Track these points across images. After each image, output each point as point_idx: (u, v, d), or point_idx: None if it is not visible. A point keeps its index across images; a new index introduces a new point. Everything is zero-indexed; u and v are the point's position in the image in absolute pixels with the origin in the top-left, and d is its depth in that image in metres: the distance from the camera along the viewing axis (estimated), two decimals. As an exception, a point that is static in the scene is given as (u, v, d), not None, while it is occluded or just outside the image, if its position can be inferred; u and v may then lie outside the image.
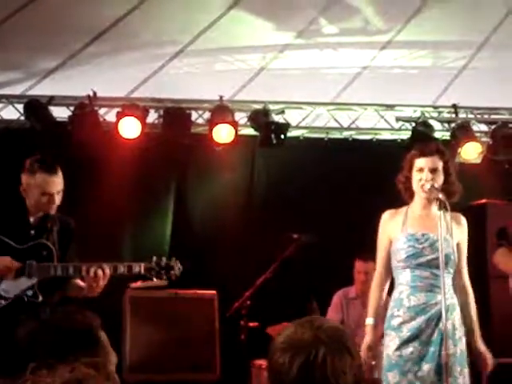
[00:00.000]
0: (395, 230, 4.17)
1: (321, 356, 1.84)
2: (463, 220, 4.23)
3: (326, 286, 6.33)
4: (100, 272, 4.03)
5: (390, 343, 4.03)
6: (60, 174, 4.13)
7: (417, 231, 4.11)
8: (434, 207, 4.12)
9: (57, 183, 4.10)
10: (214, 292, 6.22)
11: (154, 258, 4.22)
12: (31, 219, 4.15)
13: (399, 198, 4.33)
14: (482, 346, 4.16)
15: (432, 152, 4.14)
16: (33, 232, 4.13)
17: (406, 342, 3.99)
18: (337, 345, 1.87)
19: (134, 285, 6.03)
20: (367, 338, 4.10)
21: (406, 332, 4.00)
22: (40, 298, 4.08)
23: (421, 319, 3.99)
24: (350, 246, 6.37)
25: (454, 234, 4.08)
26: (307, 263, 6.51)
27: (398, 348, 3.99)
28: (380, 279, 4.22)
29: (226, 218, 6.86)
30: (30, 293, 4.07)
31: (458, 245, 4.15)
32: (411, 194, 4.22)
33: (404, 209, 4.24)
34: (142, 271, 4.18)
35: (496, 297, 6.36)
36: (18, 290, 4.05)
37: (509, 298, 6.06)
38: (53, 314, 1.83)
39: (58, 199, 4.12)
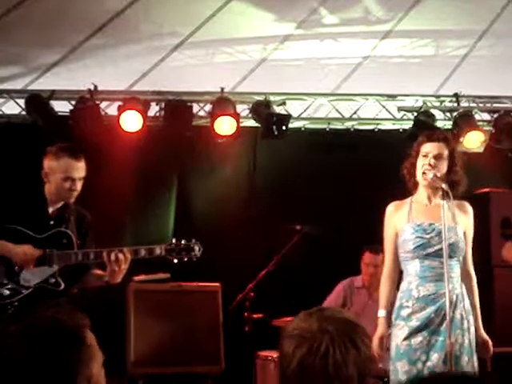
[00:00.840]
0: (401, 222, 4.15)
1: (323, 347, 1.84)
2: (469, 208, 4.22)
3: (329, 277, 6.33)
4: (121, 256, 4.03)
5: (399, 332, 4.03)
6: (84, 161, 4.15)
7: (423, 221, 4.10)
8: (438, 197, 4.10)
9: (80, 169, 4.13)
10: (217, 284, 6.23)
11: (174, 240, 4.23)
12: (50, 210, 4.16)
13: (402, 187, 4.31)
14: (484, 335, 4.16)
15: (439, 139, 4.13)
16: (52, 222, 4.14)
17: (415, 332, 3.98)
18: (343, 337, 1.87)
19: (137, 278, 6.03)
20: (380, 330, 4.10)
21: (415, 322, 4.00)
22: (62, 286, 4.08)
23: (430, 309, 3.99)
24: (353, 236, 6.37)
25: (460, 221, 4.07)
26: (310, 254, 6.51)
27: (407, 337, 3.99)
28: (390, 271, 4.22)
29: (229, 210, 6.86)
30: (51, 281, 4.07)
31: (464, 233, 4.14)
32: (415, 183, 4.20)
33: (408, 199, 4.23)
34: (163, 253, 4.17)
35: (499, 286, 6.36)
36: (39, 278, 4.05)
37: (511, 286, 6.07)
38: (37, 317, 1.82)
39: (79, 186, 4.13)
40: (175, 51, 6.51)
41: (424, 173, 4.08)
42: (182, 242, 4.24)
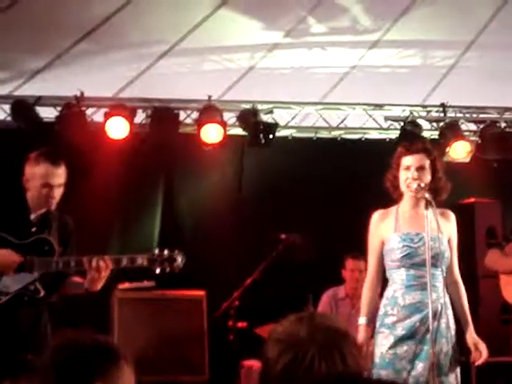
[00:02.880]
0: (387, 231, 4.15)
1: (309, 357, 1.77)
2: (452, 216, 4.23)
3: (315, 285, 6.32)
4: (102, 263, 3.98)
5: (384, 341, 4.02)
6: (63, 167, 4.11)
7: (410, 231, 4.10)
8: (423, 206, 4.11)
9: (59, 175, 4.08)
10: (202, 292, 6.21)
11: (156, 250, 4.17)
12: (32, 216, 4.12)
13: (388, 196, 4.31)
14: (476, 337, 4.14)
15: (418, 150, 4.13)
16: (34, 229, 4.10)
17: (400, 341, 3.97)
18: (330, 348, 1.79)
19: (121, 286, 6.00)
20: (360, 337, 4.09)
21: (400, 331, 3.99)
22: (42, 294, 4.04)
23: (416, 318, 3.98)
24: (339, 245, 6.37)
25: (444, 230, 4.07)
26: (295, 263, 6.49)
27: (393, 346, 3.98)
28: (372, 280, 4.20)
29: (215, 218, 6.84)
30: (31, 288, 4.02)
31: (448, 241, 4.15)
32: (400, 193, 4.21)
33: (394, 208, 4.23)
34: (145, 263, 4.12)
35: (485, 295, 6.37)
36: (18, 285, 4.01)
37: (497, 297, 6.08)
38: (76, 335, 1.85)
39: (57, 193, 4.09)
40: (162, 58, 6.49)
41: (408, 185, 4.09)
42: (165, 252, 4.17)
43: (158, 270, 4.14)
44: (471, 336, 4.13)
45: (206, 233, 6.77)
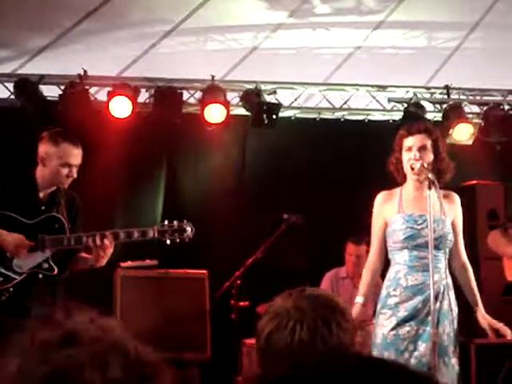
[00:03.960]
0: (391, 212, 4.16)
1: (291, 324, 1.82)
2: (456, 198, 4.23)
3: (316, 266, 6.35)
4: (106, 241, 4.02)
5: (386, 322, 4.03)
6: (80, 148, 4.15)
7: (413, 212, 4.10)
8: (425, 188, 4.11)
9: (78, 156, 4.12)
10: (204, 272, 6.23)
11: (166, 221, 4.23)
12: (41, 194, 4.15)
13: (391, 178, 4.32)
14: (488, 317, 4.14)
15: (419, 130, 4.13)
16: (43, 207, 4.13)
17: (402, 322, 3.99)
18: (315, 316, 1.83)
19: (124, 264, 6.03)
20: (354, 315, 4.09)
21: (403, 312, 4.00)
22: (55, 271, 4.07)
23: (418, 299, 4.00)
24: (341, 226, 6.39)
25: (448, 213, 4.08)
26: (297, 243, 6.52)
27: (395, 327, 3.99)
28: (374, 260, 4.22)
29: (217, 198, 6.86)
30: (45, 266, 4.06)
31: (452, 223, 4.15)
32: (404, 176, 4.21)
33: (398, 190, 4.23)
34: (156, 234, 4.17)
35: (486, 277, 6.39)
36: (32, 264, 4.04)
37: (499, 279, 6.10)
38: None
39: (75, 173, 4.13)
40: (166, 38, 6.48)
41: (411, 167, 4.08)
42: (175, 223, 4.23)
43: (168, 241, 4.20)
44: (484, 317, 4.12)
45: (209, 212, 6.78)
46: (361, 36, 6.80)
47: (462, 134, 6.72)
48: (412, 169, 4.08)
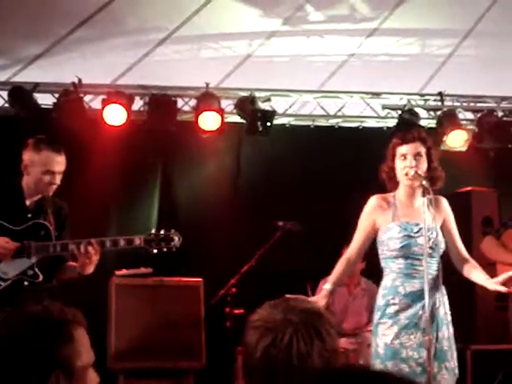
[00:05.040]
0: (384, 219, 4.13)
1: (287, 338, 1.81)
2: (443, 201, 4.21)
3: (312, 273, 6.34)
4: (96, 246, 4.02)
5: (387, 331, 3.98)
6: (64, 155, 4.13)
7: (409, 220, 4.10)
8: (419, 195, 4.12)
9: (61, 163, 4.11)
10: (199, 279, 6.22)
11: (153, 230, 4.21)
12: (27, 202, 4.14)
13: (385, 185, 4.32)
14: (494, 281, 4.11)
15: (414, 138, 4.13)
16: (30, 215, 4.12)
17: (404, 329, 3.96)
18: (307, 328, 1.83)
19: (119, 272, 6.02)
20: (320, 302, 4.02)
21: (404, 320, 3.98)
22: (40, 278, 4.06)
23: (418, 306, 3.99)
24: (336, 232, 6.37)
25: (438, 218, 4.09)
26: (292, 250, 6.52)
27: (397, 336, 3.97)
28: (351, 256, 4.18)
29: (212, 206, 6.85)
30: (30, 273, 4.04)
31: (442, 226, 4.15)
32: (395, 184, 4.20)
33: (391, 197, 4.22)
34: (142, 244, 4.16)
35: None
36: (17, 270, 4.02)
37: (493, 285, 6.10)
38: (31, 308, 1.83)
39: (58, 180, 4.11)
40: (160, 46, 6.49)
41: (406, 173, 4.08)
42: (161, 232, 4.22)
43: (155, 251, 4.17)
44: (492, 284, 4.08)
45: (204, 220, 6.78)
46: (355, 43, 6.82)
47: (456, 140, 6.74)
48: (406, 176, 4.08)
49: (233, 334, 5.74)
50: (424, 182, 4.00)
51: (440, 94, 6.87)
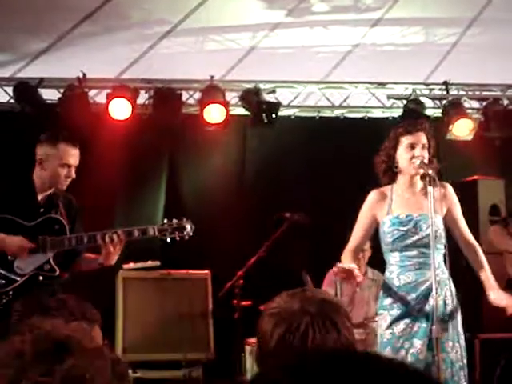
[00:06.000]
0: (382, 213, 4.16)
1: (303, 328, 1.82)
2: (448, 188, 4.19)
3: (319, 264, 6.34)
4: (115, 237, 4.05)
5: (382, 322, 4.04)
6: (78, 148, 4.15)
7: (400, 213, 4.11)
8: (418, 185, 4.13)
9: (76, 156, 4.14)
10: (207, 272, 6.24)
11: (166, 220, 4.26)
12: (39, 197, 4.16)
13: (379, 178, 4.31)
14: (499, 295, 4.07)
15: (420, 128, 4.14)
16: (42, 210, 4.14)
17: (396, 320, 3.99)
18: (323, 318, 1.85)
19: (126, 266, 6.03)
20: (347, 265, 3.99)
21: (396, 310, 4.01)
22: (57, 272, 4.08)
23: (411, 297, 4.01)
24: (342, 224, 6.37)
25: (439, 207, 4.07)
26: (299, 242, 6.52)
27: (390, 326, 4.00)
28: (351, 250, 4.21)
29: (218, 198, 6.86)
30: (46, 267, 4.07)
31: (446, 215, 4.13)
32: (391, 176, 4.18)
33: (388, 190, 4.21)
34: (157, 233, 4.20)
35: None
36: (33, 266, 4.04)
37: (500, 274, 6.10)
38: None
39: (74, 173, 4.14)
40: (164, 39, 6.48)
41: (413, 163, 4.08)
42: (174, 221, 4.27)
43: (168, 239, 4.23)
44: (494, 301, 4.07)
45: (210, 212, 6.78)
46: (359, 33, 6.80)
47: (462, 129, 6.72)
48: (413, 165, 4.07)
49: (241, 325, 5.76)
50: (430, 172, 4.00)
51: (445, 83, 6.85)
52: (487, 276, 4.14)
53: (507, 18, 6.57)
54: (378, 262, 5.98)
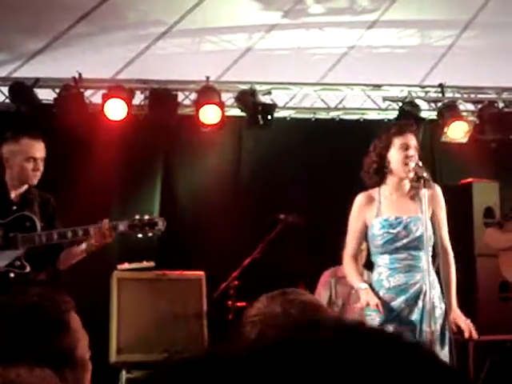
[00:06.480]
0: (371, 216, 4.15)
1: None
2: (436, 189, 4.18)
3: (314, 265, 6.35)
4: (81, 232, 4.08)
5: (371, 323, 4.01)
6: (42, 141, 4.18)
7: (390, 215, 4.10)
8: (406, 187, 4.13)
9: (41, 149, 4.17)
10: (201, 273, 6.23)
11: (137, 216, 4.27)
12: (12, 195, 4.17)
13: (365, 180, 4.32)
14: (455, 310, 4.06)
15: (413, 130, 4.15)
16: (15, 207, 4.15)
17: (386, 322, 3.98)
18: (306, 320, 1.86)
19: (121, 266, 6.03)
20: (366, 298, 3.96)
21: (386, 312, 4.00)
22: (28, 269, 4.09)
23: (401, 299, 4.00)
24: (337, 225, 6.38)
25: (427, 209, 4.08)
26: (294, 243, 6.52)
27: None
28: (351, 259, 4.20)
29: (214, 199, 6.86)
30: (17, 264, 4.08)
31: (432, 215, 4.13)
32: (380, 178, 4.18)
33: (376, 192, 4.20)
34: (127, 229, 4.22)
35: (482, 275, 6.41)
36: (4, 262, 4.05)
37: (495, 275, 6.13)
38: (14, 305, 1.83)
39: (41, 166, 4.15)
40: (160, 39, 6.48)
41: (406, 164, 4.08)
42: (145, 217, 4.28)
43: (139, 235, 4.24)
44: (452, 310, 4.05)
45: (206, 213, 6.79)
46: (355, 35, 6.81)
47: (457, 132, 6.74)
48: (407, 166, 4.07)
49: (235, 326, 5.75)
50: (425, 174, 4.01)
51: (440, 85, 6.86)
52: (451, 293, 4.09)
53: (503, 21, 6.58)
54: (366, 262, 5.99)
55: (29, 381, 1.32)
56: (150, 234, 4.30)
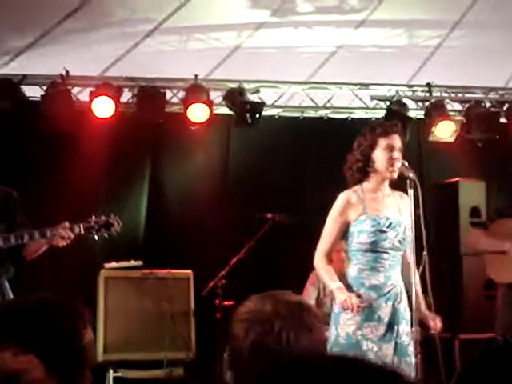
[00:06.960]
0: (356, 212, 4.10)
1: (276, 329, 1.85)
2: (406, 198, 4.19)
3: (302, 265, 6.35)
4: (38, 235, 4.04)
5: (350, 322, 3.97)
6: None
7: (379, 214, 4.09)
8: (386, 188, 4.14)
9: None
10: (189, 271, 6.23)
11: (93, 217, 4.24)
12: None
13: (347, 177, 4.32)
14: (424, 311, 4.09)
15: (398, 131, 4.15)
16: None
17: (366, 321, 3.96)
18: (295, 319, 1.88)
19: (108, 265, 6.02)
20: (342, 296, 3.93)
21: (366, 311, 3.98)
22: None
23: (381, 299, 4.00)
24: (325, 224, 6.39)
25: (403, 212, 4.10)
26: (281, 242, 6.52)
27: (359, 328, 3.95)
28: (326, 256, 4.19)
29: (201, 198, 6.85)
30: None
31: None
32: (362, 176, 4.17)
33: (358, 190, 4.18)
34: (82, 231, 4.18)
35: (468, 273, 6.44)
36: None
37: (481, 273, 6.15)
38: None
39: None
40: (148, 37, 6.47)
41: (392, 165, 4.07)
42: (102, 218, 4.26)
43: (96, 237, 4.21)
44: (421, 311, 4.06)
45: (193, 212, 6.78)
46: (343, 35, 6.83)
47: (444, 131, 6.77)
48: (392, 167, 4.06)
49: (223, 325, 5.76)
50: (411, 175, 4.02)
51: (428, 84, 6.89)
52: (417, 293, 4.08)
53: (490, 20, 6.62)
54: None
55: (12, 365, 1.32)
56: (106, 235, 4.26)
